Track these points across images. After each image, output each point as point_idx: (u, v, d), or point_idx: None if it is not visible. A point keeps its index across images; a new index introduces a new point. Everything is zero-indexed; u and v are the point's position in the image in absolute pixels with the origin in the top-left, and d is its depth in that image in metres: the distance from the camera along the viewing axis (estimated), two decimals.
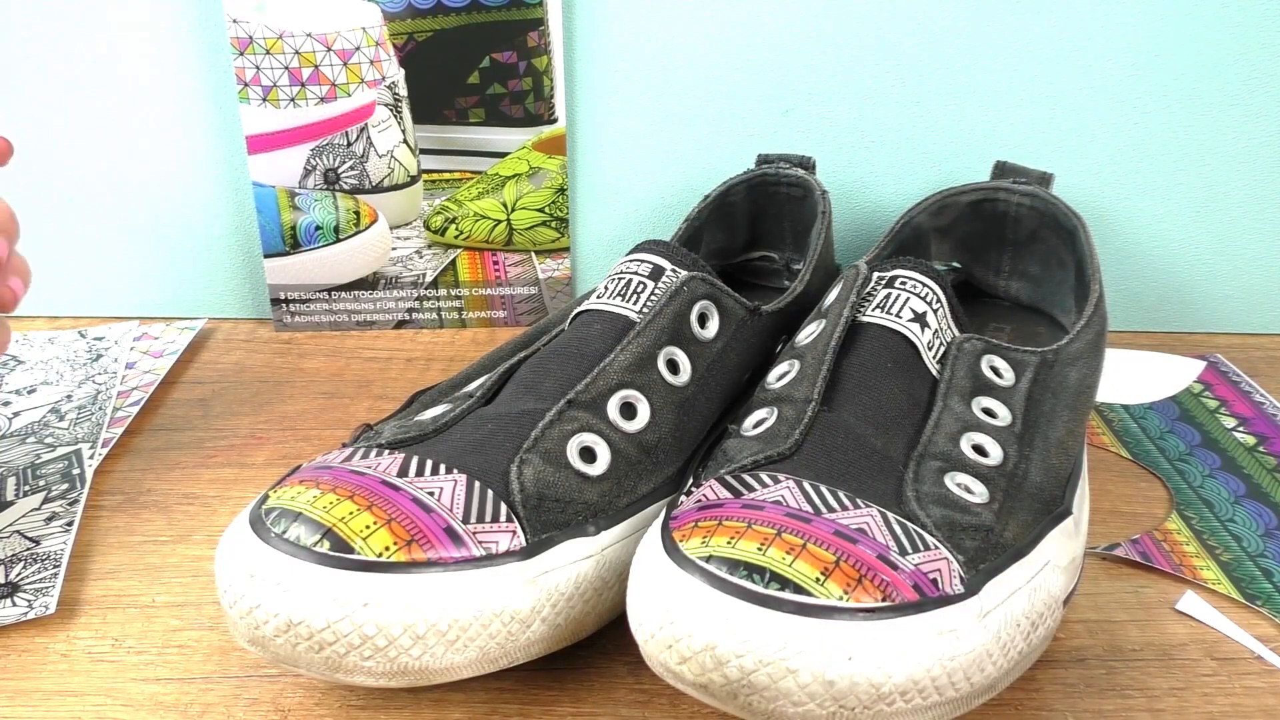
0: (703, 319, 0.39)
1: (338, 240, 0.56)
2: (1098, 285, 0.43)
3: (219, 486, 0.45)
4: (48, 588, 0.37)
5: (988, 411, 0.36)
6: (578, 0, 0.53)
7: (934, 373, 0.37)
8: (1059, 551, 0.34)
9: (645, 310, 0.38)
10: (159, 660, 0.35)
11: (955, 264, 0.50)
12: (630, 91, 0.55)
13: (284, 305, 0.57)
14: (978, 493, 0.33)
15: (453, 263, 0.57)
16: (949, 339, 0.38)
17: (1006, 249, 0.50)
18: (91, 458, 0.45)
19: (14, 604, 0.37)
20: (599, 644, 0.35)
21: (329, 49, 0.52)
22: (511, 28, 0.53)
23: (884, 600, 0.28)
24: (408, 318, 0.58)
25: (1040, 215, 0.48)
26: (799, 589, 0.27)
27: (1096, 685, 0.34)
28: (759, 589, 0.27)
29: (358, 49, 0.52)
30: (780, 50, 0.54)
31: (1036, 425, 0.36)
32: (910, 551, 0.29)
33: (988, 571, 0.30)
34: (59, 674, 0.34)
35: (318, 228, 0.56)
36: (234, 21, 0.51)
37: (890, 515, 0.31)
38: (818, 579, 0.28)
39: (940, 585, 0.29)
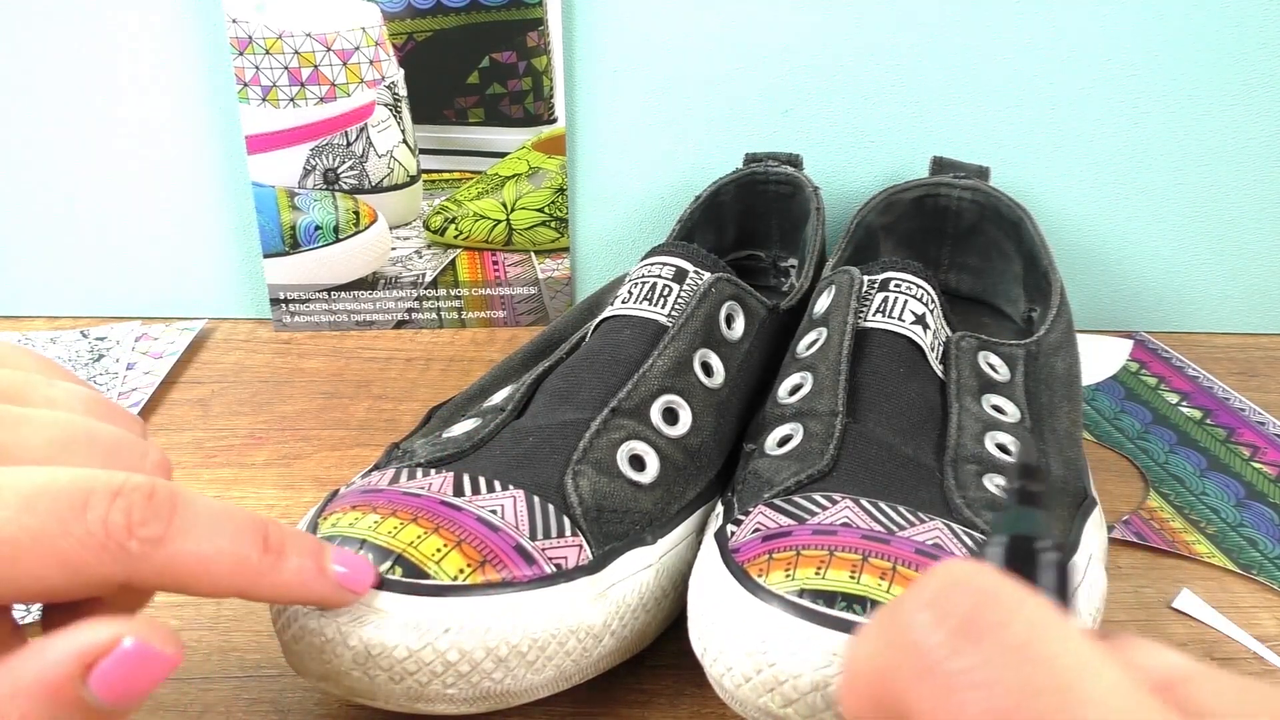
0: (729, 319, 0.39)
1: (337, 240, 0.56)
2: (1057, 274, 0.43)
3: (219, 486, 0.44)
4: None
5: (997, 409, 0.36)
6: (578, 0, 0.53)
7: (939, 373, 0.37)
8: (1096, 544, 0.34)
9: (674, 313, 0.38)
10: None
11: (894, 260, 0.51)
12: (630, 91, 0.55)
13: (283, 305, 0.57)
14: None
15: (452, 263, 0.57)
16: (944, 339, 0.38)
17: (946, 242, 0.50)
18: None
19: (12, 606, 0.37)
20: None
21: (328, 49, 0.52)
22: (511, 28, 0.53)
23: None
24: (407, 318, 0.58)
25: (981, 208, 0.49)
26: None
27: None
28: (863, 620, 0.27)
29: (357, 49, 0.52)
30: (779, 50, 0.54)
31: (1042, 419, 0.36)
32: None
33: None
34: None
35: (317, 228, 0.56)
36: (234, 21, 0.51)
37: (954, 526, 0.30)
38: None
39: None
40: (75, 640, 0.21)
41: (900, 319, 0.37)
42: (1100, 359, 0.54)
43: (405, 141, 0.55)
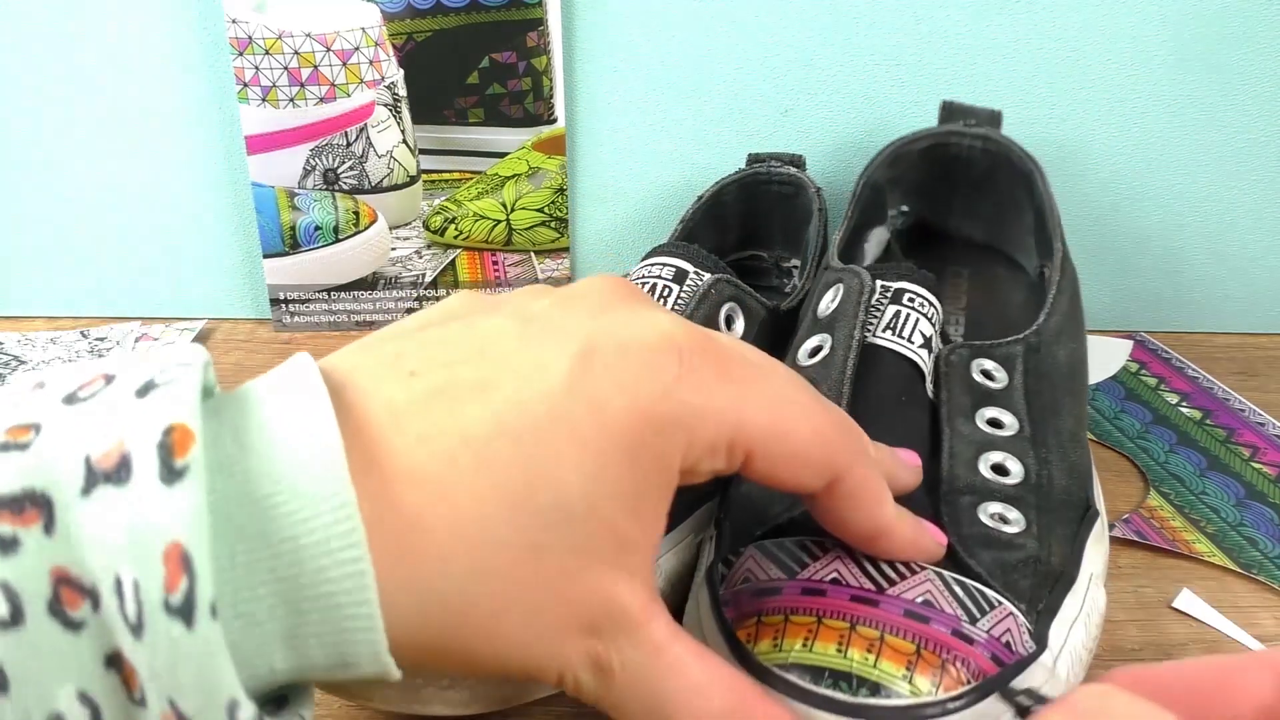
0: (729, 321, 0.39)
1: (337, 240, 0.56)
2: (1060, 244, 0.41)
3: None
4: None
5: (993, 423, 0.34)
6: (578, 0, 0.53)
7: (930, 396, 0.35)
8: (1098, 561, 0.33)
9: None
10: None
11: (904, 207, 0.49)
12: (630, 91, 0.55)
13: (283, 305, 0.57)
14: (1013, 519, 0.32)
15: (452, 263, 0.57)
16: (936, 352, 0.36)
17: (959, 190, 0.48)
18: None
19: None
20: None
21: (328, 49, 0.52)
22: (511, 28, 0.53)
23: (969, 682, 0.27)
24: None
25: (993, 157, 0.46)
26: (890, 692, 0.26)
27: None
28: (849, 699, 0.26)
29: (357, 49, 0.52)
30: (779, 50, 0.54)
31: (1044, 422, 0.35)
32: (979, 616, 0.29)
33: (1046, 613, 0.30)
34: None
35: (317, 228, 0.56)
36: (233, 22, 0.51)
37: (946, 574, 0.30)
38: (904, 675, 0.27)
39: (1013, 647, 0.28)
40: None
41: (910, 340, 0.36)
42: (1100, 359, 0.54)
43: (405, 141, 0.55)
